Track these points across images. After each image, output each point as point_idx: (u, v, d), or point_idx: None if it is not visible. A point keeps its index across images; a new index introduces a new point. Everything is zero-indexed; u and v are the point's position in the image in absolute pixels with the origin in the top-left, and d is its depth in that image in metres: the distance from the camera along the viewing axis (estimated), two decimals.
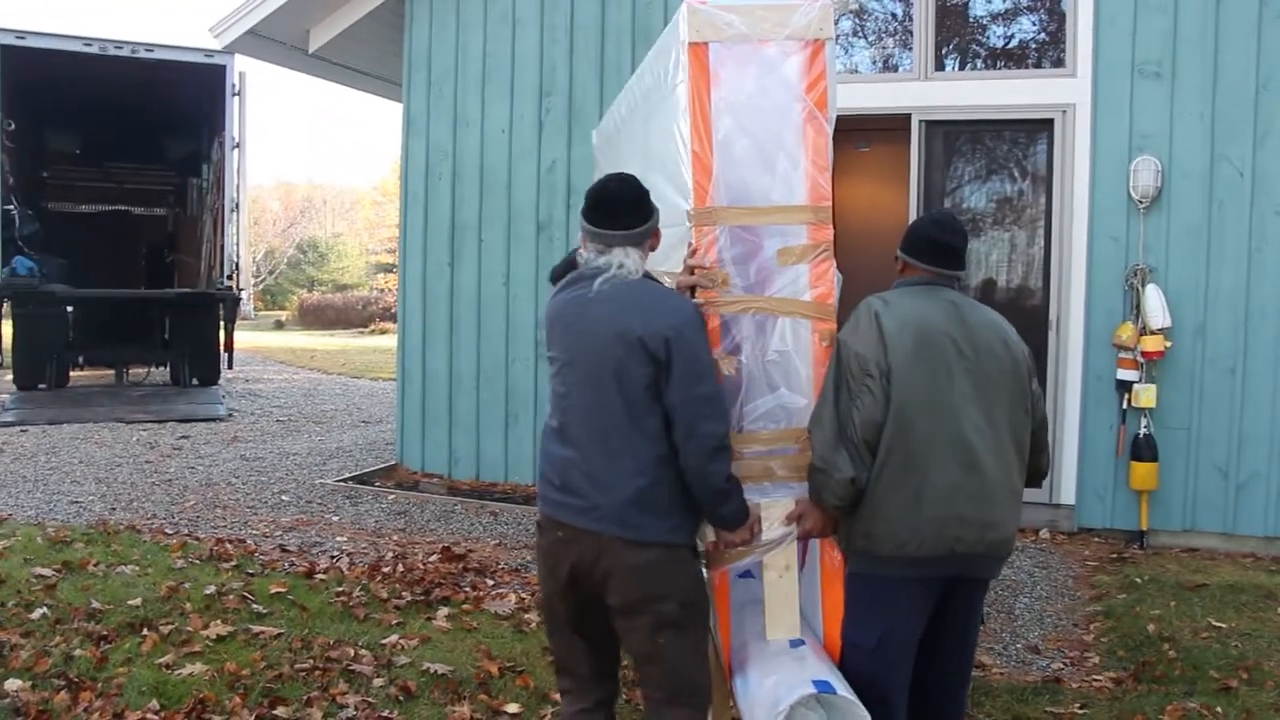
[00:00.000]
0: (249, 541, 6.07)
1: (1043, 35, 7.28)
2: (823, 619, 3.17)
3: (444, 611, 4.87)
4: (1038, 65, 7.20)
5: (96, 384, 13.63)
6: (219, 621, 4.61)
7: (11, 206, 12.67)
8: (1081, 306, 6.74)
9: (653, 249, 2.99)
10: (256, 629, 4.55)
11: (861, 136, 10.72)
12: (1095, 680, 4.43)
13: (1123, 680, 4.41)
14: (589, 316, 2.85)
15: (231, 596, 4.93)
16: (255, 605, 4.85)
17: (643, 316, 2.78)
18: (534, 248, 7.97)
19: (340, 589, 5.14)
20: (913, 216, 7.02)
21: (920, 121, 7.08)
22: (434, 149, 8.32)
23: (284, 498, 7.43)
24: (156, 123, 14.13)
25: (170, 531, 6.22)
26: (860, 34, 7.73)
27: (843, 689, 2.78)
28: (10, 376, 12.89)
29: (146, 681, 3.97)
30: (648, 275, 2.95)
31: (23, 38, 12.15)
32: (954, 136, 7.25)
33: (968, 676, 3.22)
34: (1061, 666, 4.62)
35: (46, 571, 5.19)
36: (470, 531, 6.64)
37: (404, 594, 5.11)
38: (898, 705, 2.95)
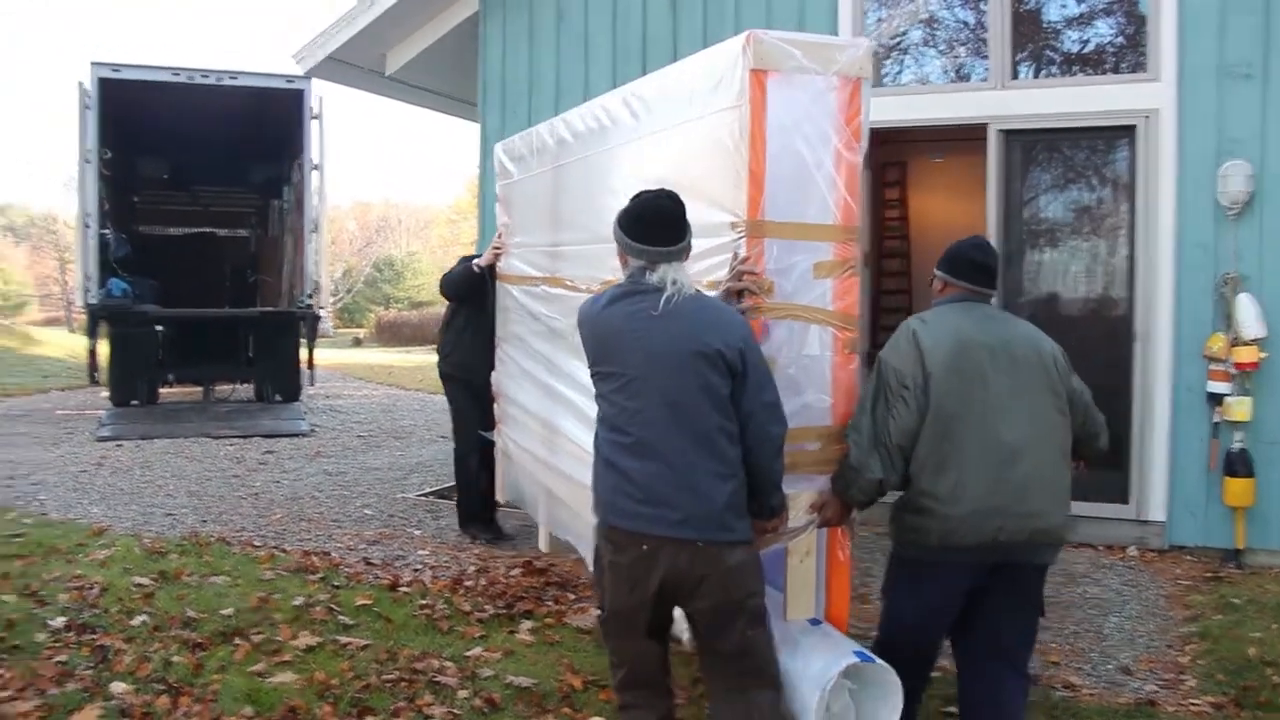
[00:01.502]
0: (334, 554, 6.18)
1: (1121, 39, 7.17)
2: (826, 603, 3.53)
3: (526, 625, 4.92)
4: (1117, 70, 7.07)
5: (185, 400, 14.00)
6: (307, 632, 4.71)
7: (107, 231, 13.09)
8: (1169, 317, 6.60)
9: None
10: (344, 640, 4.64)
11: (935, 147, 10.66)
12: (1193, 704, 4.29)
13: (1223, 705, 4.26)
14: (662, 333, 2.96)
15: (319, 608, 5.03)
16: (342, 617, 4.95)
17: (718, 332, 2.95)
18: None
19: (424, 602, 5.22)
20: (992, 227, 6.97)
21: (998, 131, 7.01)
22: None
23: (366, 511, 7.56)
24: (240, 147, 14.53)
25: (259, 544, 6.37)
26: (931, 44, 7.67)
27: (876, 658, 3.17)
28: (106, 393, 13.30)
29: (240, 688, 4.07)
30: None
31: (118, 70, 12.59)
32: (1032, 145, 7.15)
33: (1026, 659, 3.44)
34: (1156, 689, 4.48)
35: (145, 580, 5.35)
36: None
37: (486, 607, 5.17)
38: (923, 673, 3.41)
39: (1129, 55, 7.05)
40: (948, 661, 3.63)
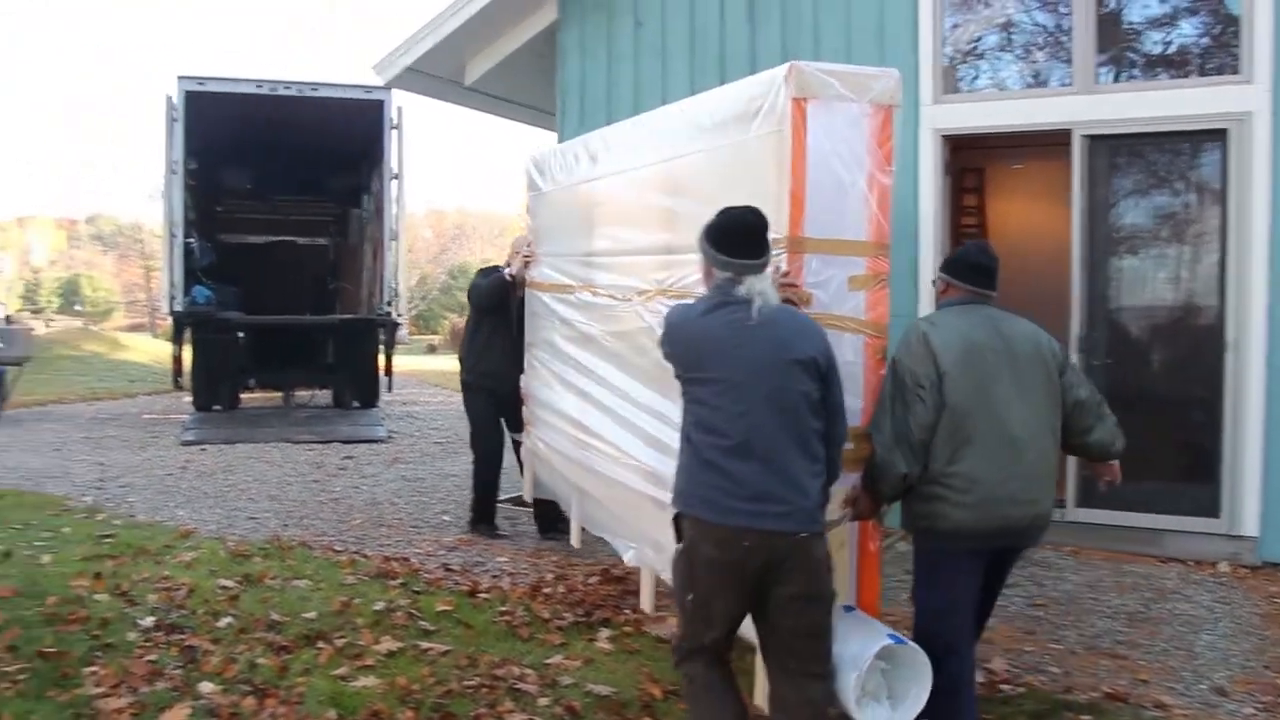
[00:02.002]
0: (413, 560, 6.25)
1: (1208, 40, 6.96)
2: (858, 591, 3.76)
3: (605, 633, 4.93)
4: (1205, 73, 6.88)
5: (265, 406, 14.27)
6: (389, 637, 4.76)
7: (192, 239, 13.39)
8: (1263, 326, 6.39)
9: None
10: (425, 645, 4.68)
11: (1013, 153, 10.47)
12: None
13: None
14: (761, 342, 3.18)
15: (399, 613, 5.08)
16: (422, 622, 5.00)
17: (809, 340, 3.22)
18: None
19: (504, 608, 5.25)
20: (1077, 234, 6.85)
21: (1082, 137, 6.87)
22: None
23: (445, 518, 7.63)
24: (320, 157, 14.78)
25: (339, 549, 6.46)
26: (1011, 50, 7.54)
27: (908, 640, 3.43)
28: (189, 398, 13.60)
29: (324, 691, 4.13)
30: None
31: (203, 83, 12.87)
32: (1117, 150, 6.99)
33: (988, 615, 3.91)
34: (1254, 712, 4.34)
35: (229, 583, 5.45)
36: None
37: (565, 615, 5.19)
38: (966, 653, 3.56)
39: (1218, 57, 6.86)
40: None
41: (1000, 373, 3.49)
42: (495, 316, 6.83)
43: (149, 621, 4.80)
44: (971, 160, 10.69)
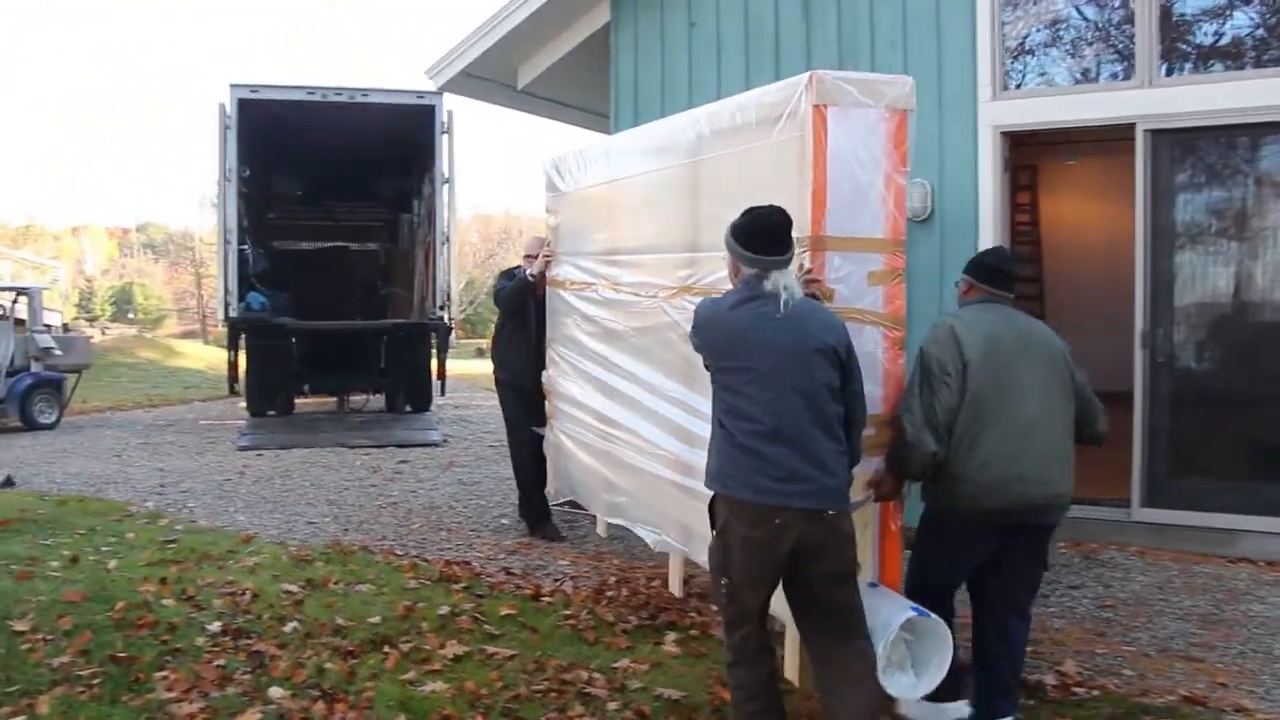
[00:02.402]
0: (475, 564, 6.24)
1: (1272, 30, 6.81)
2: (880, 568, 3.96)
3: (672, 636, 4.88)
4: (1270, 64, 6.71)
5: (319, 411, 14.39)
6: (455, 641, 4.75)
7: (246, 246, 13.54)
8: None
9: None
10: (491, 649, 4.66)
11: (1068, 149, 10.33)
12: None
13: None
14: (787, 333, 3.39)
15: (464, 617, 5.07)
16: (487, 626, 4.98)
17: (831, 331, 3.45)
18: None
19: (568, 612, 5.21)
20: (1141, 229, 6.70)
21: (1145, 131, 6.72)
22: None
23: (503, 521, 7.62)
24: (371, 163, 14.88)
25: (400, 553, 6.46)
26: (1069, 44, 7.40)
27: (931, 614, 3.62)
28: (244, 403, 13.75)
29: (393, 696, 4.11)
30: None
31: (256, 91, 13.01)
32: (1182, 144, 6.82)
33: (1030, 604, 4.05)
34: None
35: (293, 587, 5.46)
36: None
37: (630, 618, 5.15)
38: (951, 604, 3.92)
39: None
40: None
41: (1017, 364, 3.78)
42: (516, 317, 7.06)
43: (216, 626, 4.82)
44: (1024, 157, 10.55)
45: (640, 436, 5.22)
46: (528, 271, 6.88)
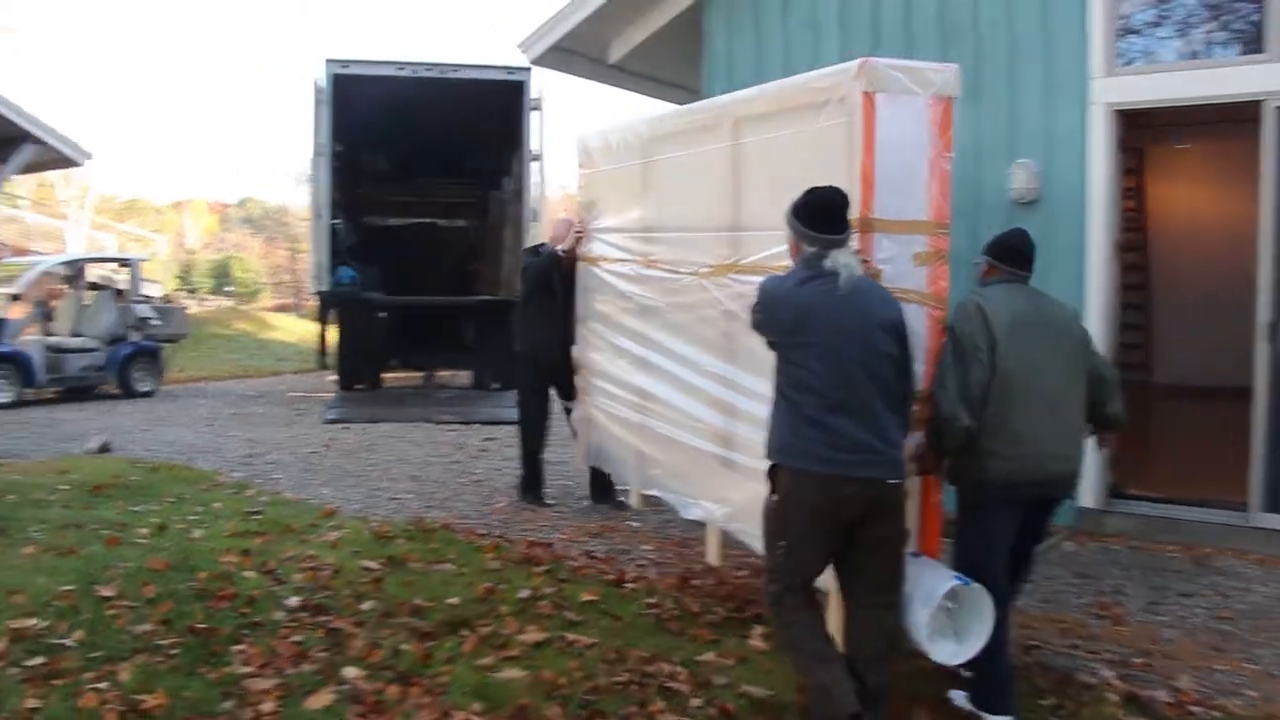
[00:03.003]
0: (557, 546, 6.11)
1: None
2: (921, 539, 4.00)
3: (759, 630, 4.67)
4: None
5: (406, 386, 14.44)
6: (534, 626, 4.61)
7: (338, 221, 13.61)
8: None
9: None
10: (571, 637, 4.51)
11: (1176, 131, 9.81)
12: None
13: None
14: (851, 309, 3.51)
15: (545, 602, 4.94)
16: (568, 612, 4.83)
17: (891, 307, 3.62)
18: None
19: (651, 600, 5.04)
20: (1268, 214, 6.28)
21: (1275, 109, 6.28)
22: None
23: (587, 503, 7.49)
24: (460, 139, 14.83)
25: (482, 533, 6.36)
26: (1186, 17, 6.95)
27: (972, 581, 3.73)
28: (333, 376, 13.85)
29: (469, 682, 3.98)
30: None
31: (346, 66, 13.04)
32: None
33: (1032, 562, 4.23)
34: None
35: (373, 565, 5.39)
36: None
37: (716, 609, 4.97)
38: (999, 596, 3.80)
39: None
40: None
41: (1040, 342, 3.88)
42: (541, 293, 7.07)
43: (294, 601, 4.77)
44: (1130, 140, 10.07)
45: (678, 410, 5.33)
46: (559, 247, 6.88)
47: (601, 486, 7.23)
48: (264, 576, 5.11)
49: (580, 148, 6.70)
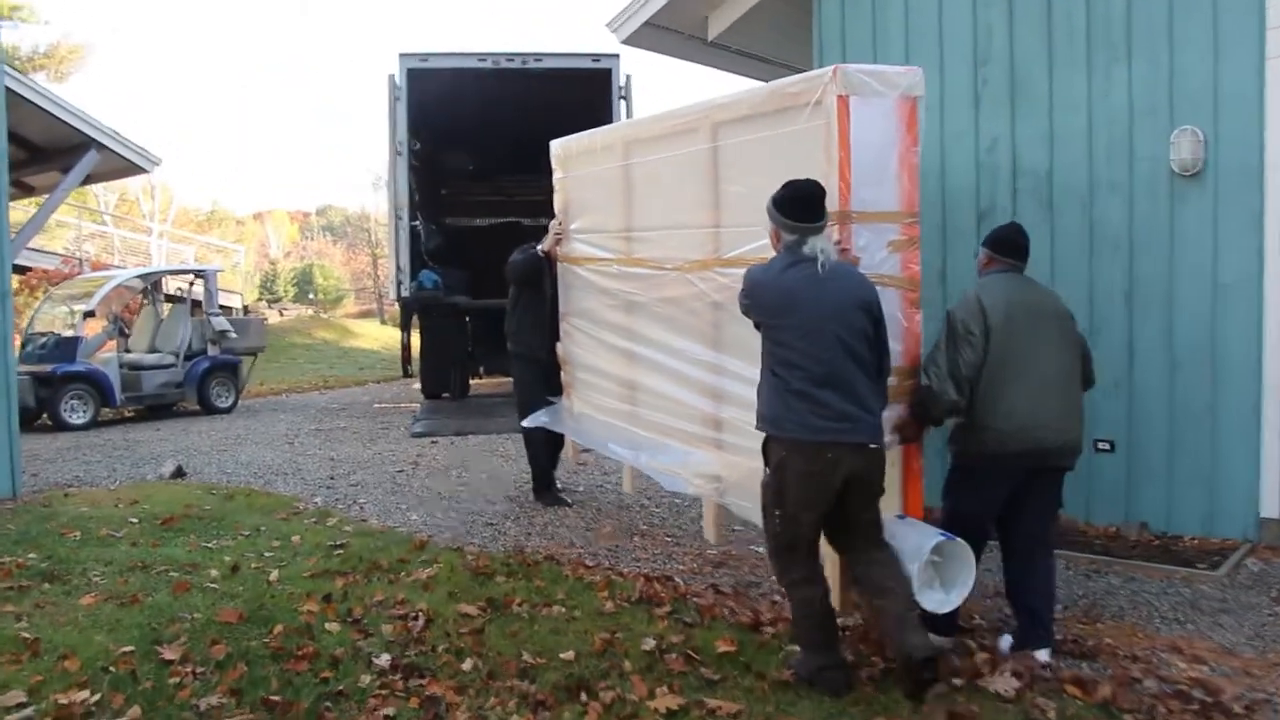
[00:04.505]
0: (677, 580, 5.35)
1: None
2: (906, 502, 4.36)
3: (936, 690, 3.85)
4: None
5: (496, 394, 13.80)
6: (665, 688, 3.87)
7: (418, 222, 13.04)
8: None
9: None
10: (711, 703, 3.74)
11: None
12: None
13: None
14: (831, 291, 3.81)
15: (674, 655, 4.18)
16: (704, 668, 4.08)
17: (866, 289, 3.91)
18: (974, 240, 6.83)
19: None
20: None
21: None
22: None
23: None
24: (544, 132, 14.07)
25: (591, 564, 5.64)
26: None
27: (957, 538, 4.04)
28: (418, 384, 13.29)
29: None
30: None
31: (425, 60, 12.47)
32: None
33: (1049, 538, 4.49)
34: None
35: (471, 610, 4.71)
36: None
37: (873, 660, 4.15)
38: (987, 537, 4.37)
39: None
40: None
41: (1034, 327, 4.26)
42: (529, 291, 7.21)
43: (384, 660, 4.10)
44: None
45: (666, 397, 5.59)
46: (539, 248, 7.03)
47: (547, 482, 7.47)
48: (348, 628, 4.48)
49: (555, 154, 7.03)
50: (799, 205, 3.89)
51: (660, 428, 5.72)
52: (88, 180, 15.81)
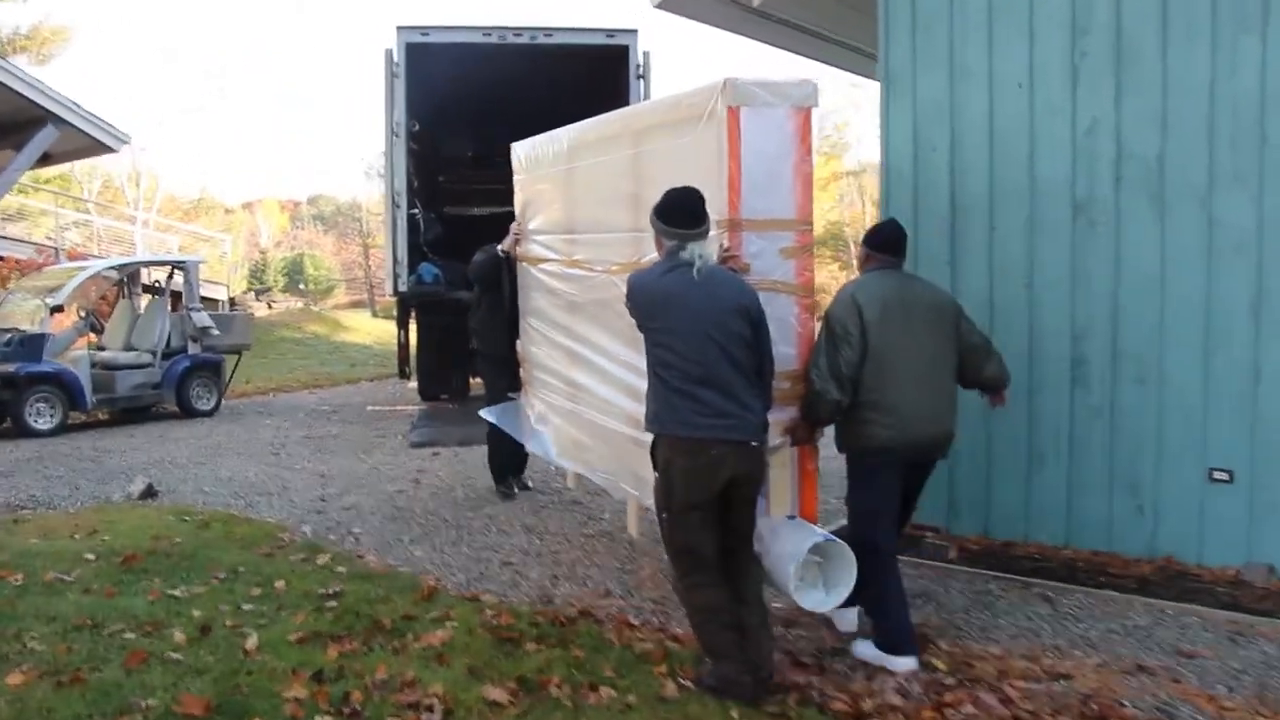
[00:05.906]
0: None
1: None
2: (800, 503, 4.49)
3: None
4: None
5: None
6: None
7: (417, 211, 12.12)
8: None
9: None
10: None
11: None
12: None
13: None
14: (706, 294, 3.92)
15: None
16: None
17: (744, 293, 4.04)
18: (1068, 236, 5.89)
19: None
20: None
21: None
22: (923, 111, 6.39)
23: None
24: (554, 115, 13.11)
25: (636, 622, 4.71)
26: None
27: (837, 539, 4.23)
28: (414, 385, 12.39)
29: None
30: None
31: (426, 34, 11.59)
32: None
33: (908, 522, 4.87)
34: None
35: (500, 695, 3.76)
36: (1030, 629, 4.70)
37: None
38: (887, 550, 4.39)
39: None
40: None
41: (909, 322, 4.41)
42: (492, 291, 7.32)
43: None
44: None
45: (598, 396, 5.62)
46: (499, 248, 7.13)
47: (504, 471, 7.55)
48: None
49: (515, 155, 7.05)
50: (677, 213, 4.02)
51: (594, 426, 5.77)
52: (48, 160, 14.73)
